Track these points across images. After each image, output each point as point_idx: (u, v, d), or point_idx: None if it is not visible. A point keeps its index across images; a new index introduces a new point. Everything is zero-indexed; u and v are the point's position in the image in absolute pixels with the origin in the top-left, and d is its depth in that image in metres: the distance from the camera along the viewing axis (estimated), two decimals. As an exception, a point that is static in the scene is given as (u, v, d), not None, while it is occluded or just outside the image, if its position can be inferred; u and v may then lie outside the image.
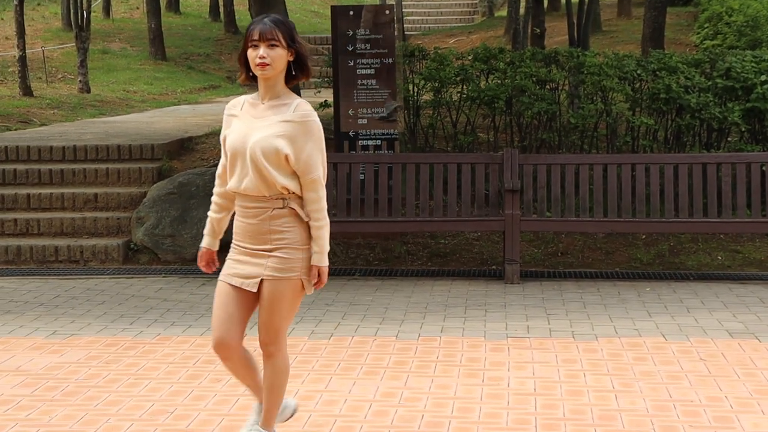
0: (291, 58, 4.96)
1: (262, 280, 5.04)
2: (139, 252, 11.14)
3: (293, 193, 4.98)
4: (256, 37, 4.88)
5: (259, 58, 4.87)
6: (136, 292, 9.75)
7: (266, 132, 4.91)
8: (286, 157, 4.92)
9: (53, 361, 7.39)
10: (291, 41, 4.92)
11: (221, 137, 5.10)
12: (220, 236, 5.28)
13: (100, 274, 10.63)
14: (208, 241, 5.26)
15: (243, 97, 5.10)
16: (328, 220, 5.07)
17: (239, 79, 5.05)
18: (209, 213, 5.23)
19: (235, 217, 5.07)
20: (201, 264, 5.29)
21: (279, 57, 4.89)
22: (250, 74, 4.98)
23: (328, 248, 5.08)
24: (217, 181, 5.18)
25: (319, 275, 5.06)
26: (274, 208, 4.97)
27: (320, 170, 4.99)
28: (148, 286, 10.06)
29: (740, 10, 18.85)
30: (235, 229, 5.09)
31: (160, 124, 15.20)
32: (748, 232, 10.92)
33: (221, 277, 5.13)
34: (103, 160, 12.19)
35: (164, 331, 8.23)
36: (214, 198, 5.20)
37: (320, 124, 5.05)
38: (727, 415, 6.15)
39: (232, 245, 5.12)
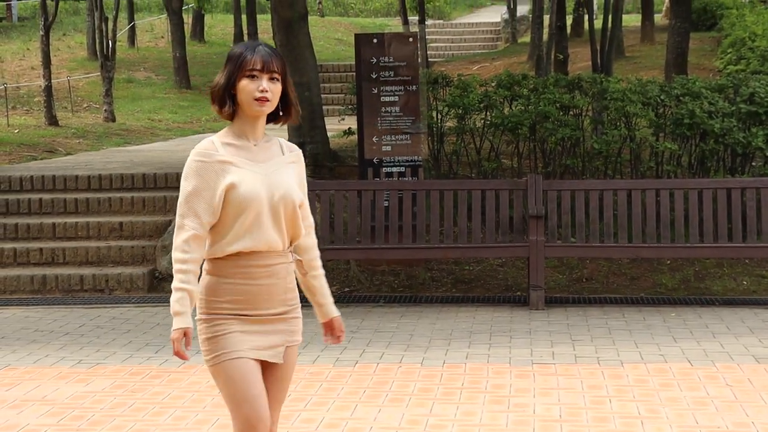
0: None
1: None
2: (164, 280, 11.18)
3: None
4: (258, 66, 4.14)
5: (261, 91, 4.12)
6: (161, 321, 9.78)
7: (289, 177, 4.22)
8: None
9: (79, 390, 7.42)
10: (285, 75, 4.22)
11: (204, 190, 4.10)
12: None
13: (125, 302, 10.68)
14: (189, 320, 4.10)
15: (214, 140, 4.20)
16: None
17: (222, 114, 4.18)
18: (186, 285, 4.07)
19: (228, 281, 4.15)
20: (182, 349, 4.13)
21: (278, 92, 4.18)
22: (234, 108, 4.19)
23: None
24: (189, 247, 4.09)
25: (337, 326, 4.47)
26: (289, 263, 4.26)
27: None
28: (173, 314, 10.07)
29: (764, 35, 18.83)
30: (227, 296, 4.15)
31: (185, 153, 15.18)
32: (774, 256, 10.87)
33: (236, 354, 4.14)
34: (128, 189, 12.27)
35: (190, 360, 8.22)
36: (189, 266, 4.09)
37: None
38: (755, 441, 6.11)
39: (218, 315, 4.14)
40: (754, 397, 6.96)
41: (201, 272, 4.19)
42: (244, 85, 4.14)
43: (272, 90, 4.15)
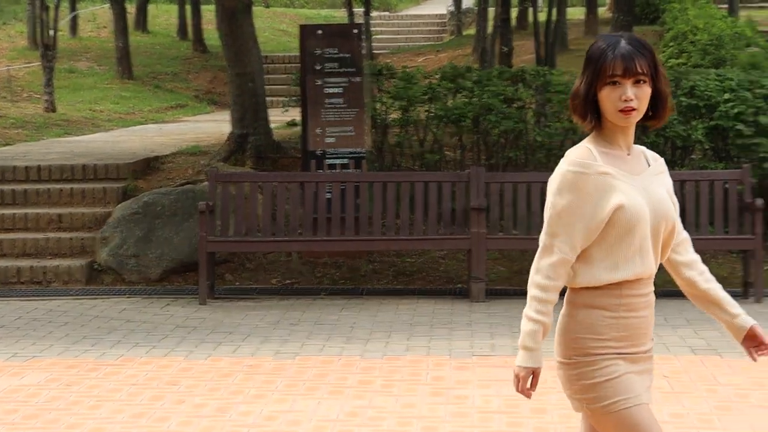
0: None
1: None
2: (103, 272, 11.06)
3: None
4: (619, 71, 3.52)
5: (624, 100, 3.52)
6: (99, 313, 9.68)
7: (662, 192, 3.65)
8: None
9: (13, 383, 7.31)
10: (655, 72, 3.58)
11: (583, 207, 3.57)
12: None
13: (63, 295, 10.55)
14: (540, 359, 3.69)
15: (589, 147, 3.64)
16: None
17: (586, 126, 3.64)
18: (543, 318, 3.64)
19: (610, 315, 3.57)
20: (528, 390, 3.73)
21: (645, 96, 3.56)
22: (596, 117, 3.61)
23: None
24: (555, 273, 3.61)
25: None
26: (654, 290, 3.73)
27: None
28: (111, 306, 9.99)
29: (705, 29, 18.97)
30: (611, 332, 3.56)
31: (126, 144, 15.14)
32: (711, 249, 10.96)
33: (638, 399, 3.58)
34: (67, 180, 12.12)
35: (127, 352, 8.17)
36: (550, 296, 3.64)
37: None
38: (691, 431, 6.16)
39: (604, 356, 3.56)
40: (690, 388, 7.01)
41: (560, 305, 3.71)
42: (606, 94, 3.54)
43: (638, 96, 3.53)
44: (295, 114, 12.93)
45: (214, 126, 17.86)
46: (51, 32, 20.54)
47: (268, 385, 7.20)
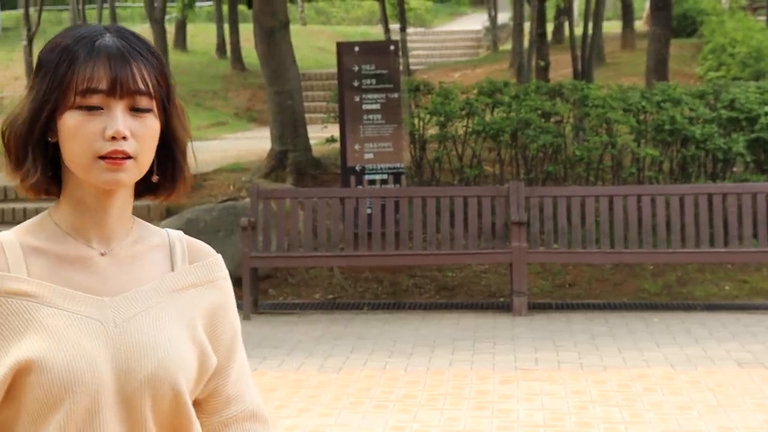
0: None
1: None
2: (147, 289, 11.14)
3: None
4: (103, 84, 1.80)
5: (113, 138, 1.79)
6: None
7: (172, 326, 1.89)
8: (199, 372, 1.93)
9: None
10: (167, 97, 1.98)
11: None
12: None
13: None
14: None
15: (6, 238, 1.86)
16: None
17: (24, 183, 1.83)
18: None
19: None
20: None
21: (151, 137, 1.86)
22: (50, 174, 1.85)
23: None
24: None
25: None
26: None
27: (257, 393, 2.05)
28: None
29: (744, 41, 18.93)
30: None
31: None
32: (755, 261, 10.93)
33: None
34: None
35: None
36: None
37: None
38: (737, 444, 6.15)
39: None
40: (736, 401, 7.00)
41: None
42: (75, 125, 1.81)
43: (139, 134, 1.83)
44: (333, 130, 13.00)
45: (255, 143, 17.96)
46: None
47: (313, 399, 7.25)
